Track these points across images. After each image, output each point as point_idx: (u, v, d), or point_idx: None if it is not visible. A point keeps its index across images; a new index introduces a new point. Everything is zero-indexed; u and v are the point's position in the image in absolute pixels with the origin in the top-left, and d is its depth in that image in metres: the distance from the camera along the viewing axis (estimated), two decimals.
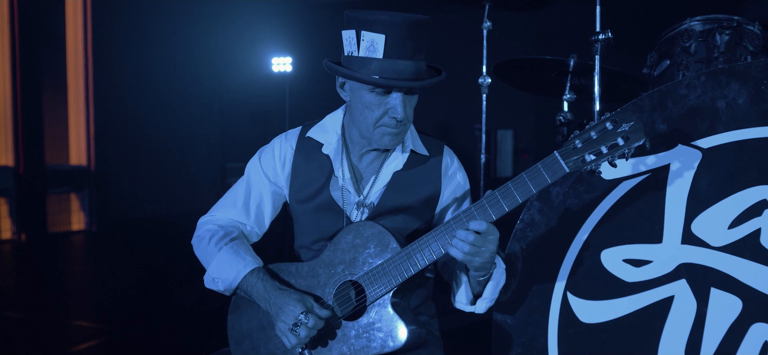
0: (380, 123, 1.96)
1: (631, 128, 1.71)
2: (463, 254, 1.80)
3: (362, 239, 1.97)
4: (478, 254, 1.81)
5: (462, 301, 2.03)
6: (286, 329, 1.92)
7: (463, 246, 1.79)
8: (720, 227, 2.23)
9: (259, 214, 2.19)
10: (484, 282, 1.96)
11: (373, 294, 1.94)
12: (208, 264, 2.10)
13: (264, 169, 2.17)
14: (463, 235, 1.79)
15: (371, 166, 2.11)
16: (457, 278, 2.03)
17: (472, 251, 1.79)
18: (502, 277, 2.00)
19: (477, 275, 1.91)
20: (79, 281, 6.60)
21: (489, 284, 1.97)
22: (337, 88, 2.04)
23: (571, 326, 2.37)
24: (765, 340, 2.20)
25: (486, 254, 1.82)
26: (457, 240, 1.80)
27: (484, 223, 1.79)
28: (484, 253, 1.81)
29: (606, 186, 2.31)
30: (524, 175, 1.80)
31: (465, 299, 2.01)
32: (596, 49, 2.96)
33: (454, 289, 2.05)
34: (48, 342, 4.27)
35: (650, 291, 2.30)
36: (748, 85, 2.19)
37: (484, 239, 1.80)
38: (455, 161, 2.17)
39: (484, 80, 4.06)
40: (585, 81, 3.93)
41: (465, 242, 1.79)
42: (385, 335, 1.93)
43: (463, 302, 2.03)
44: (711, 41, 3.12)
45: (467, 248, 1.79)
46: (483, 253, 1.81)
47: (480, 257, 1.81)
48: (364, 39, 1.88)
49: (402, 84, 1.88)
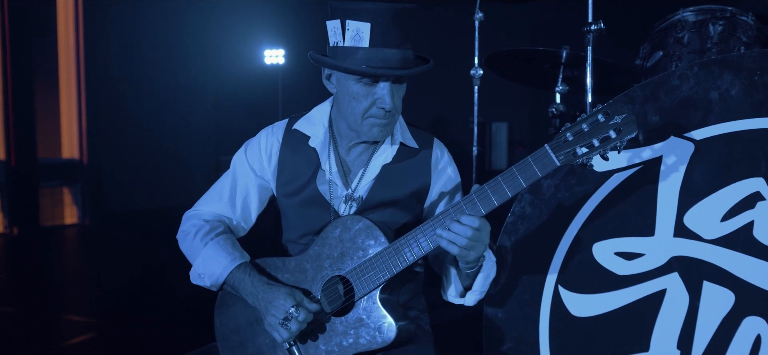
0: (368, 114, 1.93)
1: (623, 120, 1.69)
2: (459, 248, 1.79)
3: (350, 234, 1.95)
4: (473, 248, 1.79)
5: (452, 294, 2.02)
6: (276, 323, 1.91)
7: (458, 240, 1.77)
8: (712, 220, 2.21)
9: (245, 208, 2.17)
10: (474, 274, 1.95)
11: (361, 290, 1.92)
12: (194, 259, 2.08)
13: (250, 163, 2.15)
14: (458, 229, 1.77)
15: (359, 159, 2.08)
16: (446, 270, 2.02)
17: (467, 245, 1.77)
18: (492, 269, 2.00)
19: (467, 267, 1.90)
20: (71, 275, 6.57)
21: (479, 277, 1.97)
22: (324, 80, 2.02)
23: (563, 320, 2.36)
24: (758, 333, 2.19)
25: (479, 247, 1.81)
26: (452, 234, 1.77)
27: (476, 219, 1.77)
28: (477, 247, 1.80)
29: (598, 178, 2.29)
30: (514, 169, 1.78)
31: (455, 291, 2.01)
32: (588, 40, 2.94)
33: (445, 282, 2.04)
34: (41, 337, 4.25)
35: (642, 284, 2.29)
36: (741, 76, 2.17)
37: (478, 233, 1.78)
38: (445, 154, 2.15)
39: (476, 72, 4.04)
40: (578, 73, 3.91)
41: (461, 235, 1.77)
42: (374, 331, 1.92)
43: (453, 294, 2.02)
44: (704, 32, 3.10)
45: (464, 242, 1.77)
46: (477, 247, 1.80)
47: (474, 251, 1.80)
48: (349, 28, 1.86)
49: (389, 72, 1.86)
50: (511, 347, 2.41)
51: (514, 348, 2.41)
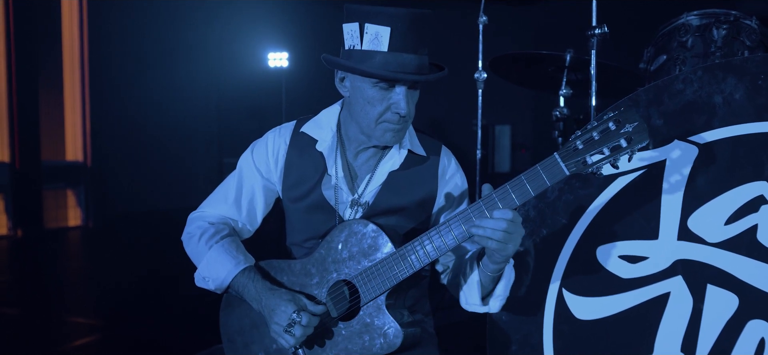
0: (382, 119, 1.91)
1: (634, 129, 1.65)
2: (497, 242, 1.74)
3: (356, 238, 1.94)
4: (510, 241, 1.75)
5: (474, 301, 1.97)
6: (281, 330, 1.90)
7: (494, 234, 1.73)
8: (716, 223, 2.22)
9: (250, 210, 2.16)
10: (497, 278, 1.93)
11: (367, 295, 1.92)
12: (198, 262, 2.07)
13: (256, 164, 2.14)
14: (492, 224, 1.73)
15: (367, 165, 2.07)
16: (466, 277, 1.98)
17: (504, 238, 1.73)
18: (511, 273, 1.96)
19: (496, 267, 1.87)
20: (75, 277, 6.58)
21: (501, 281, 1.94)
22: (337, 83, 1.99)
23: (567, 323, 2.36)
24: (761, 336, 2.19)
25: (518, 238, 1.78)
26: (489, 229, 1.73)
27: (510, 211, 1.73)
28: (515, 239, 1.77)
29: (602, 182, 2.30)
30: (523, 177, 1.76)
31: (477, 298, 1.96)
32: (592, 43, 2.94)
33: (465, 289, 1.99)
34: (45, 338, 4.26)
35: (646, 288, 2.29)
36: (745, 80, 2.17)
37: (515, 225, 1.75)
38: (453, 162, 2.13)
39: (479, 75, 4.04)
40: (581, 76, 3.91)
41: (497, 229, 1.73)
42: (380, 337, 1.91)
43: (475, 302, 1.97)
44: (708, 36, 3.11)
45: (499, 235, 1.73)
46: (515, 239, 1.76)
47: (513, 243, 1.77)
48: (367, 32, 1.84)
49: (408, 77, 1.84)
50: (516, 350, 2.41)
51: (518, 351, 2.41)
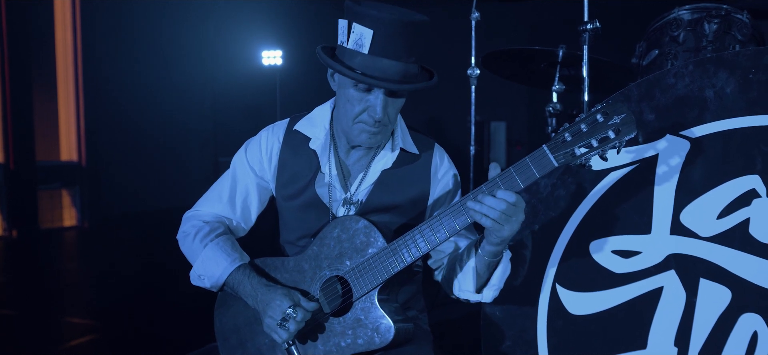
0: (359, 119, 1.91)
1: (622, 120, 1.66)
2: (492, 221, 1.72)
3: (348, 234, 1.95)
4: (507, 222, 1.74)
5: (467, 289, 1.96)
6: (275, 324, 1.90)
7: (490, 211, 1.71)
8: (709, 217, 2.22)
9: (245, 208, 2.17)
10: (494, 266, 1.92)
11: (359, 290, 1.92)
12: (193, 261, 2.08)
13: (250, 163, 2.14)
14: (492, 202, 1.71)
15: (359, 163, 2.07)
16: (462, 264, 1.97)
17: (501, 218, 1.72)
18: (508, 265, 1.96)
19: (493, 250, 1.85)
20: (71, 277, 6.57)
21: (497, 270, 1.93)
22: (328, 76, 1.99)
23: (561, 318, 2.37)
24: (754, 330, 2.20)
25: (516, 223, 1.76)
26: (486, 207, 1.72)
27: (513, 194, 1.72)
28: (514, 222, 1.75)
29: (594, 177, 2.30)
30: (512, 169, 1.75)
31: (472, 285, 1.95)
32: (584, 39, 2.94)
33: (459, 277, 1.98)
34: (40, 339, 4.26)
35: (639, 282, 2.30)
36: (736, 74, 2.18)
37: (515, 208, 1.73)
38: (445, 160, 2.13)
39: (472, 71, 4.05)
40: (574, 72, 3.92)
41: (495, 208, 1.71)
42: (372, 332, 1.92)
43: (468, 289, 1.96)
44: (699, 30, 3.12)
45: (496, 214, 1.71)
46: (512, 223, 1.74)
47: (510, 225, 1.75)
48: (354, 31, 1.83)
49: (382, 84, 1.82)
50: (510, 346, 2.42)
51: (513, 347, 2.42)
